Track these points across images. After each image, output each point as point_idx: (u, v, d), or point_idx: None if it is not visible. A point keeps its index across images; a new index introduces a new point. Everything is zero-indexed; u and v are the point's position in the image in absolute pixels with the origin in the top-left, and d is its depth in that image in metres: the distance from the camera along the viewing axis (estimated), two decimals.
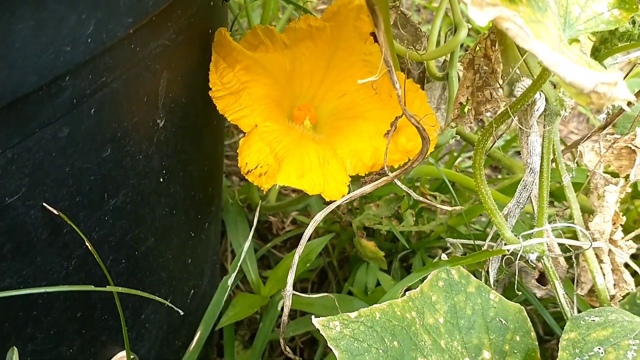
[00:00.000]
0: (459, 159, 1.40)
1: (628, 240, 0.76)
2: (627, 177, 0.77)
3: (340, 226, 1.21)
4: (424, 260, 1.20)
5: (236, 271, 0.88)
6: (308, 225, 0.74)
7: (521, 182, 0.69)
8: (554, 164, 0.76)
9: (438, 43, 0.88)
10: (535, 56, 0.41)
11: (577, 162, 0.82)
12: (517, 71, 0.65)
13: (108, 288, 0.60)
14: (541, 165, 0.66)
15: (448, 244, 0.92)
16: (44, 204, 0.53)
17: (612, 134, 0.81)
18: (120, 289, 0.62)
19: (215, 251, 1.01)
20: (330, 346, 0.64)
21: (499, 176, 1.59)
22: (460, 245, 0.91)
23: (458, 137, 0.99)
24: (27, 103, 0.46)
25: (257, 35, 0.74)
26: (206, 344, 1.02)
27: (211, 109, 0.73)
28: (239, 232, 1.04)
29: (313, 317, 0.65)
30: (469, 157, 1.50)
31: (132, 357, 0.74)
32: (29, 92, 0.45)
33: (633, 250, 0.77)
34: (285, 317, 0.67)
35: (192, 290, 0.89)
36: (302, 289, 1.31)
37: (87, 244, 0.57)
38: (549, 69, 0.41)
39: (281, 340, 0.68)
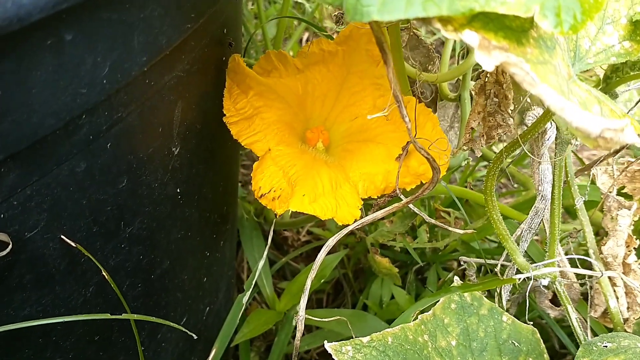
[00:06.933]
0: (476, 167, 1.40)
1: None
2: None
3: (355, 239, 1.21)
4: (438, 273, 1.20)
5: (251, 288, 0.89)
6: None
7: (532, 208, 0.69)
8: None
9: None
10: (542, 101, 0.41)
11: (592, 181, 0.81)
12: (528, 99, 0.65)
13: (124, 316, 0.61)
14: (552, 193, 0.66)
15: (462, 262, 0.92)
16: (62, 236, 0.54)
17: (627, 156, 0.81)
18: (135, 316, 0.63)
19: (231, 266, 1.02)
20: None
21: (516, 186, 1.57)
22: (473, 264, 0.91)
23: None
24: (44, 142, 0.47)
25: (271, 61, 0.75)
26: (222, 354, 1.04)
27: (225, 131, 0.74)
28: (254, 249, 1.05)
29: (326, 342, 0.66)
30: (485, 166, 1.49)
31: None
32: (46, 135, 0.46)
33: None
34: (297, 342, 0.68)
35: (208, 307, 0.90)
36: (318, 300, 1.32)
37: (104, 273, 0.58)
38: (556, 114, 0.41)
39: None
